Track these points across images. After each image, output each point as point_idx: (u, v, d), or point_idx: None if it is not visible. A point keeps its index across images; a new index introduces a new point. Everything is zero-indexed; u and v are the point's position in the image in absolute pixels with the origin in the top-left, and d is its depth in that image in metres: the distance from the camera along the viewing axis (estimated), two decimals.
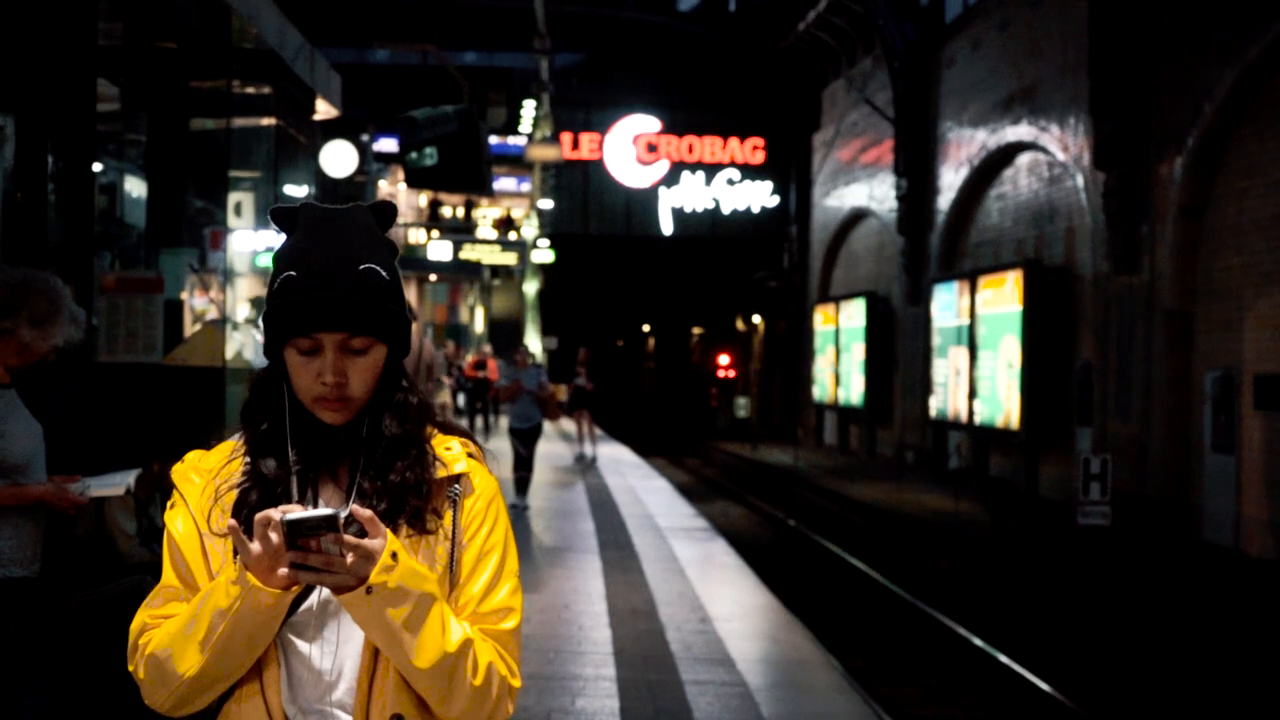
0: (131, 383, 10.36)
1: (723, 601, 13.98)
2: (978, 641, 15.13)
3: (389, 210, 2.92)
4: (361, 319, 2.77)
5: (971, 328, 31.11)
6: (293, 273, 2.77)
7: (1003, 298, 29.40)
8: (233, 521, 2.68)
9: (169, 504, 2.94)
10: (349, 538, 2.59)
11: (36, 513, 5.92)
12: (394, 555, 2.64)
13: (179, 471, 2.95)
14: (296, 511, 2.59)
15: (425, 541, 2.84)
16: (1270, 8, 20.87)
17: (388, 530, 2.66)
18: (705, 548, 18.03)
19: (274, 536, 2.59)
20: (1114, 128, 24.94)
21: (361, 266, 2.78)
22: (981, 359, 30.60)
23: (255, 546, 2.62)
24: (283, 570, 2.61)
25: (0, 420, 5.84)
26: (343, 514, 2.64)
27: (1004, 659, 14.26)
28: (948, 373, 33.06)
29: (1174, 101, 23.61)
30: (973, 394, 31.04)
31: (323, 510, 2.57)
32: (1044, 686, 13.16)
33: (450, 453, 2.91)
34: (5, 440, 5.82)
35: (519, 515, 19.59)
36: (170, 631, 2.78)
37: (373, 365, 2.82)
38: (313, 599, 2.78)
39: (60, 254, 9.47)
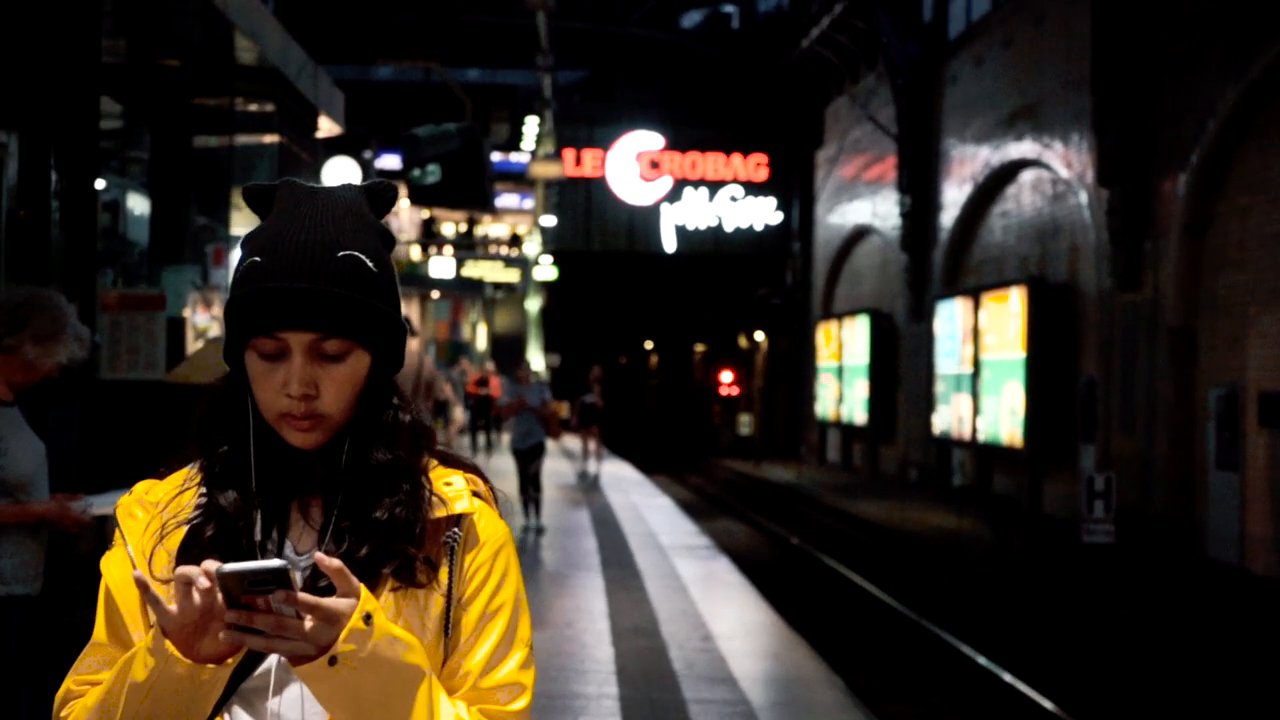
0: (134, 400, 10.35)
1: (725, 620, 13.95)
2: (982, 660, 15.10)
3: (386, 192, 2.45)
4: (337, 316, 2.25)
5: (976, 345, 31.08)
6: (258, 258, 2.26)
7: (1006, 328, 29.38)
8: (138, 573, 2.15)
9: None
10: (306, 596, 2.07)
11: (39, 531, 5.91)
12: (367, 617, 2.11)
13: (123, 505, 2.43)
14: (239, 562, 2.09)
15: (415, 597, 2.31)
16: (1274, 24, 20.88)
17: (362, 586, 2.14)
18: (708, 565, 18.00)
19: (197, 596, 2.08)
20: (1117, 144, 24.94)
21: (341, 253, 2.27)
22: (984, 385, 30.59)
23: (173, 608, 2.10)
24: (222, 634, 2.08)
25: (2, 438, 5.83)
26: (304, 563, 2.27)
27: (1008, 677, 14.23)
28: (949, 417, 33.05)
29: (1177, 118, 23.62)
30: (976, 408, 31.01)
31: (270, 561, 2.05)
32: (1048, 705, 13.13)
33: (451, 489, 2.37)
34: (8, 458, 5.81)
35: (527, 539, 19.52)
36: (88, 706, 2.29)
37: (351, 376, 2.29)
38: (272, 659, 2.24)
39: (63, 271, 9.46)
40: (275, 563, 2.05)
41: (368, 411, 2.34)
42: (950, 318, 33.06)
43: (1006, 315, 29.31)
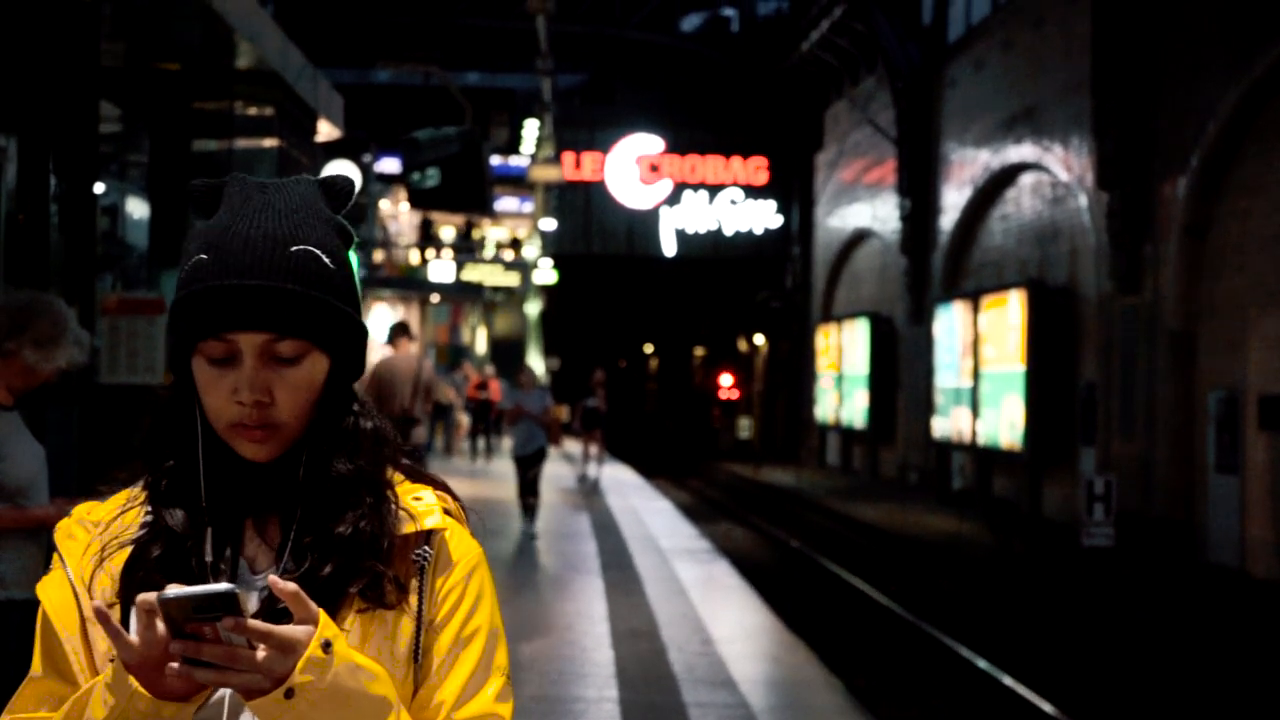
0: (133, 404, 10.33)
1: (725, 623, 13.95)
2: (982, 663, 15.09)
3: (343, 186, 2.25)
4: (291, 315, 2.08)
5: (975, 358, 31.08)
6: (204, 255, 2.09)
7: (1005, 340, 29.37)
8: (98, 604, 1.96)
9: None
10: (257, 624, 1.90)
11: (38, 535, 5.90)
12: (326, 645, 1.94)
13: (61, 528, 2.24)
14: (181, 587, 1.90)
15: (382, 621, 2.12)
16: (1273, 27, 20.87)
17: (321, 611, 1.97)
18: (708, 569, 18.00)
19: (160, 626, 1.91)
20: (1117, 147, 24.94)
21: (295, 248, 2.09)
22: (984, 384, 30.59)
23: (134, 638, 1.94)
24: (168, 667, 1.91)
25: (2, 442, 5.82)
26: (259, 583, 2.09)
27: (1008, 680, 14.22)
28: (949, 423, 33.06)
29: (1177, 121, 23.62)
30: (975, 414, 31.01)
31: (217, 585, 1.89)
32: (1048, 708, 13.12)
33: (420, 504, 2.20)
34: (7, 462, 5.81)
35: (526, 543, 19.52)
36: None
37: (307, 381, 2.12)
38: (225, 689, 2.04)
39: (62, 275, 9.46)
40: (222, 586, 1.88)
41: (326, 419, 2.16)
42: (950, 330, 33.02)
43: (1006, 327, 29.28)
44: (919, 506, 31.82)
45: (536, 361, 47.96)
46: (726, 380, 64.79)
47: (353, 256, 2.23)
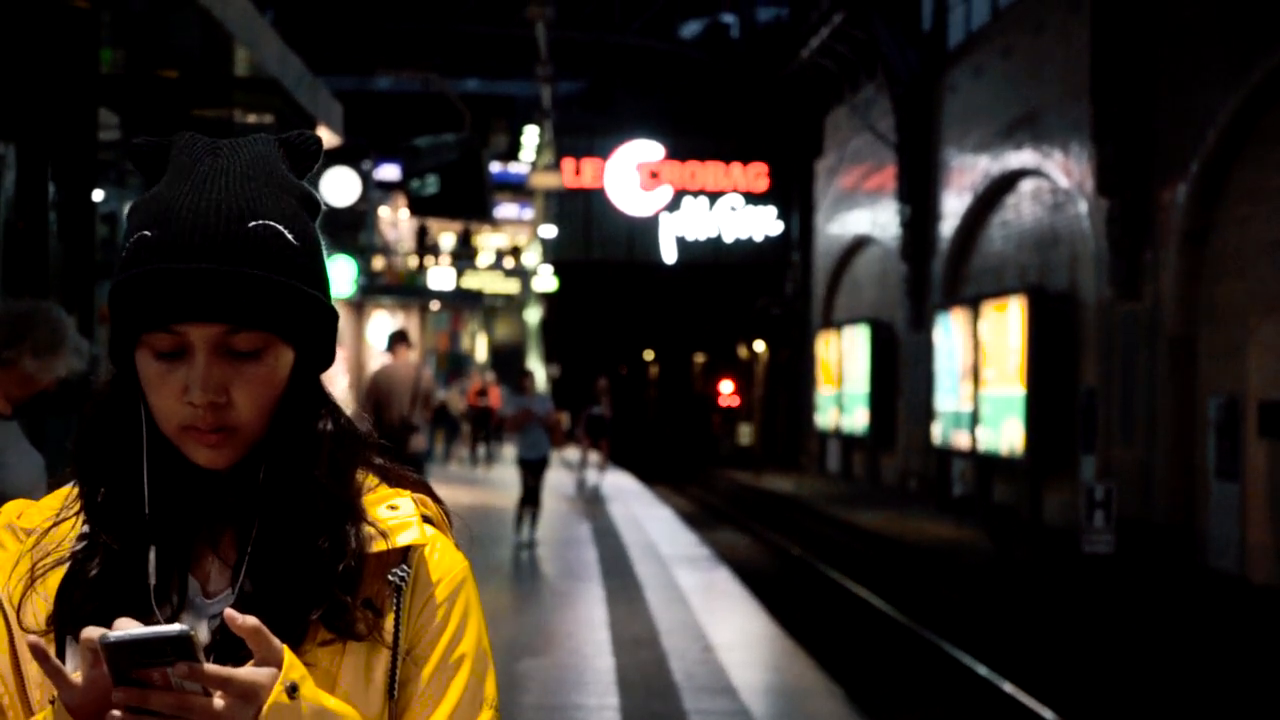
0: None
1: (726, 630, 13.95)
2: (982, 670, 15.08)
3: (307, 144, 1.96)
4: (249, 302, 1.79)
5: (975, 381, 31.06)
6: (148, 232, 1.80)
7: (1005, 361, 29.35)
8: (34, 639, 1.68)
9: None
10: (213, 669, 1.65)
11: None
12: (292, 689, 1.70)
13: None
14: (129, 627, 1.66)
15: (354, 652, 1.85)
16: (1273, 34, 20.87)
17: (285, 649, 1.71)
18: (708, 576, 18.00)
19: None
20: (1117, 153, 24.94)
21: (254, 223, 1.80)
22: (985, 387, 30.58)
23: (77, 678, 1.68)
24: (117, 714, 1.64)
25: (1, 452, 5.81)
26: (212, 611, 1.85)
27: (1008, 687, 14.21)
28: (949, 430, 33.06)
29: (1177, 127, 23.61)
30: (975, 421, 31.00)
31: (168, 627, 1.63)
32: (1048, 715, 13.12)
33: (396, 515, 1.91)
34: (6, 471, 5.79)
35: (527, 551, 19.49)
36: None
37: (269, 377, 1.84)
38: None
39: (61, 282, 9.46)
40: (174, 628, 1.62)
41: (290, 421, 1.88)
42: (950, 351, 33.01)
43: (1005, 334, 29.27)
44: (919, 513, 31.82)
45: (537, 368, 48.02)
46: (726, 387, 64.73)
47: (318, 230, 1.94)
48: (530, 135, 52.62)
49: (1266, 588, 20.66)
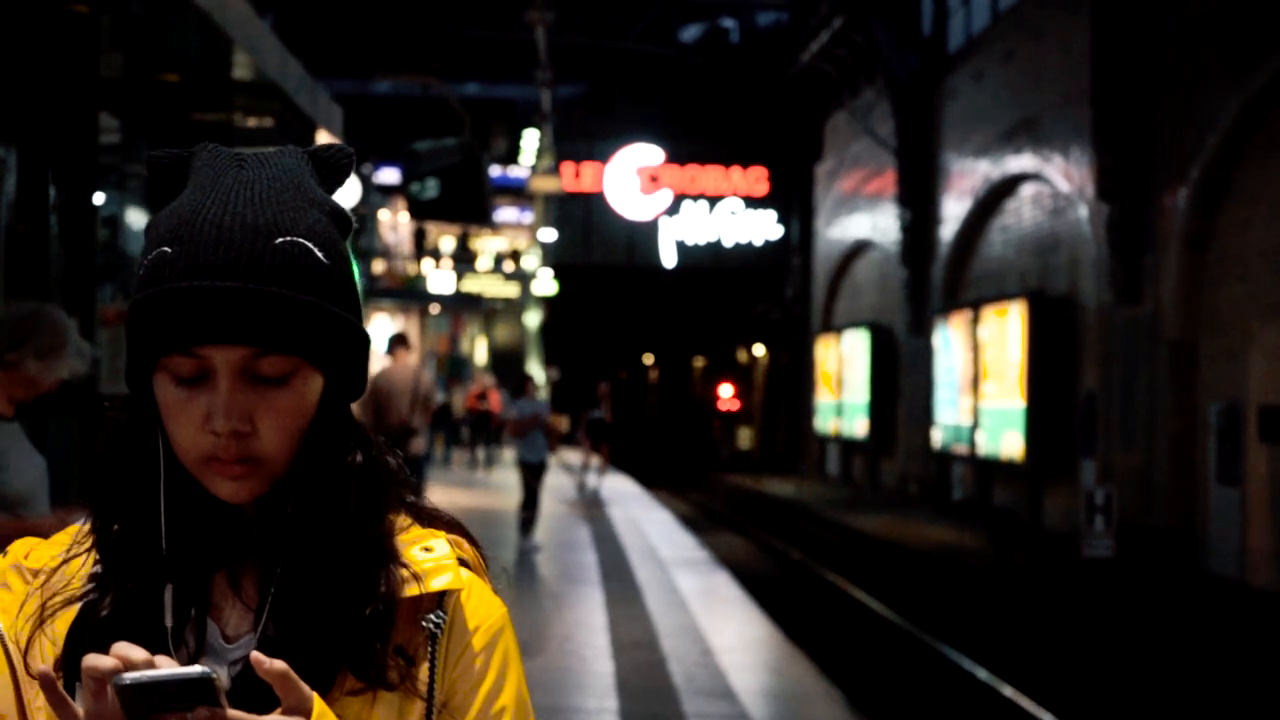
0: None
1: (725, 634, 13.94)
2: (982, 674, 15.07)
3: (338, 158, 1.85)
4: (276, 324, 1.68)
5: (975, 394, 31.06)
6: (168, 248, 1.69)
7: (1005, 374, 29.35)
8: (43, 668, 1.57)
9: None
10: (239, 715, 1.54)
11: None
12: None
13: None
14: (147, 668, 1.53)
15: (386, 703, 1.73)
16: (1274, 38, 20.88)
17: (315, 696, 1.61)
18: (707, 580, 17.99)
19: (113, 699, 1.53)
20: (1117, 159, 24.94)
21: (281, 240, 1.69)
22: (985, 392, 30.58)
23: (79, 709, 1.56)
24: None
25: (3, 453, 5.81)
26: (233, 656, 1.73)
27: (1008, 691, 14.20)
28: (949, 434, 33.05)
29: (1177, 132, 23.62)
30: (975, 425, 31.00)
31: (188, 669, 1.52)
32: (1048, 719, 13.11)
33: (430, 557, 1.79)
34: (7, 473, 5.80)
35: (527, 555, 19.48)
36: None
37: (297, 405, 1.72)
38: None
39: (62, 285, 9.46)
40: (195, 670, 1.51)
41: (319, 452, 1.76)
42: (949, 367, 33.02)
43: (1006, 356, 29.28)
44: (919, 517, 31.80)
45: (537, 372, 48.02)
46: (726, 391, 64.76)
47: (350, 249, 1.83)
48: (530, 139, 52.65)
49: (1267, 592, 20.66)
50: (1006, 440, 29.21)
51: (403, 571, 1.77)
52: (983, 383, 30.66)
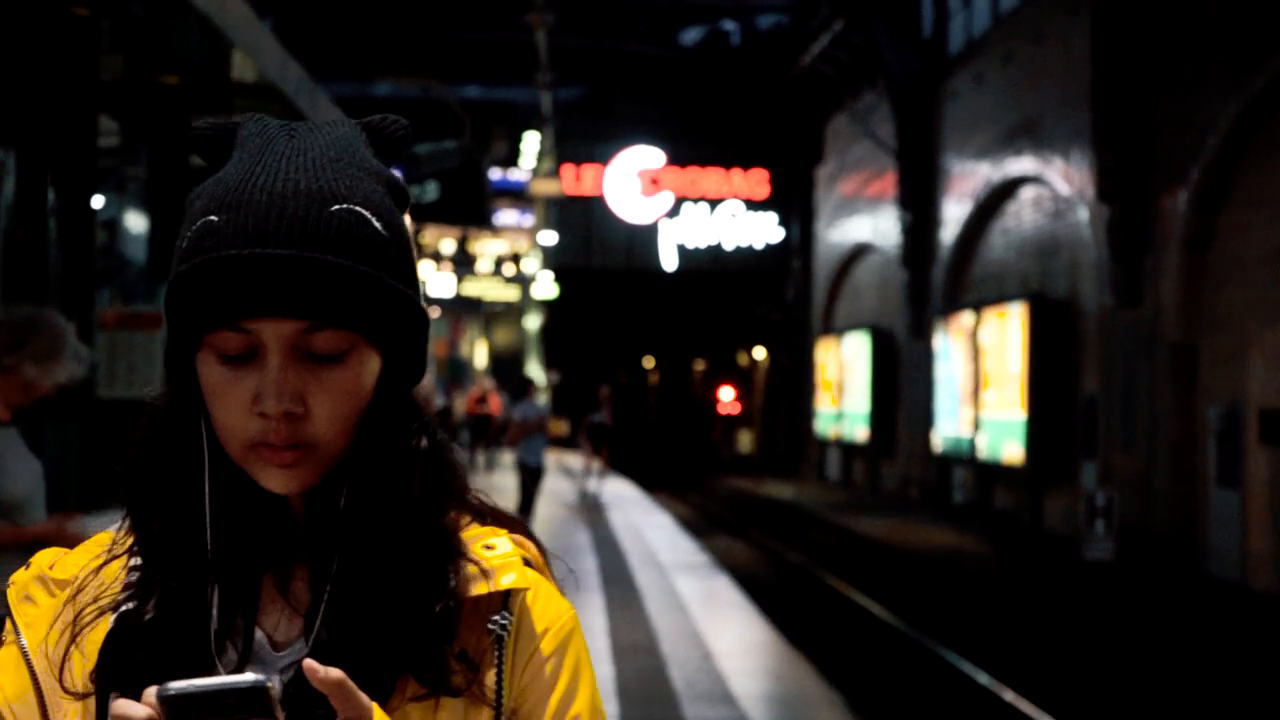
0: (131, 419, 10.31)
1: (725, 638, 13.92)
2: (983, 677, 15.06)
3: (394, 130, 1.75)
4: (332, 296, 1.55)
5: (976, 406, 31.05)
6: (214, 217, 1.56)
7: (1006, 386, 29.34)
8: (123, 704, 1.43)
9: None
10: None
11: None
12: None
13: (16, 585, 1.71)
14: (186, 669, 1.48)
15: (447, 709, 1.60)
16: (1274, 40, 20.86)
17: (375, 707, 1.49)
18: (708, 583, 17.97)
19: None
20: (1117, 161, 24.93)
21: (336, 206, 1.57)
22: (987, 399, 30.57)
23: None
24: None
25: (0, 458, 5.80)
26: (284, 663, 1.60)
27: (1009, 696, 14.19)
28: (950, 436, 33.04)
29: (1177, 134, 23.60)
30: (977, 419, 30.99)
31: (239, 677, 1.40)
32: None
33: (494, 555, 1.66)
34: (4, 478, 5.78)
35: None
36: None
37: (353, 385, 1.58)
38: None
39: (61, 289, 9.45)
40: (247, 679, 1.40)
41: (377, 437, 1.62)
42: (950, 376, 33.00)
43: (1006, 359, 29.27)
44: (920, 520, 31.78)
45: (538, 375, 48.01)
46: (726, 395, 64.73)
47: (408, 222, 1.71)
48: (530, 141, 52.65)
49: (1267, 595, 20.64)
50: (1008, 450, 29.20)
51: (470, 568, 1.64)
52: (983, 392, 30.63)
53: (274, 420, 1.54)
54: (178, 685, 1.38)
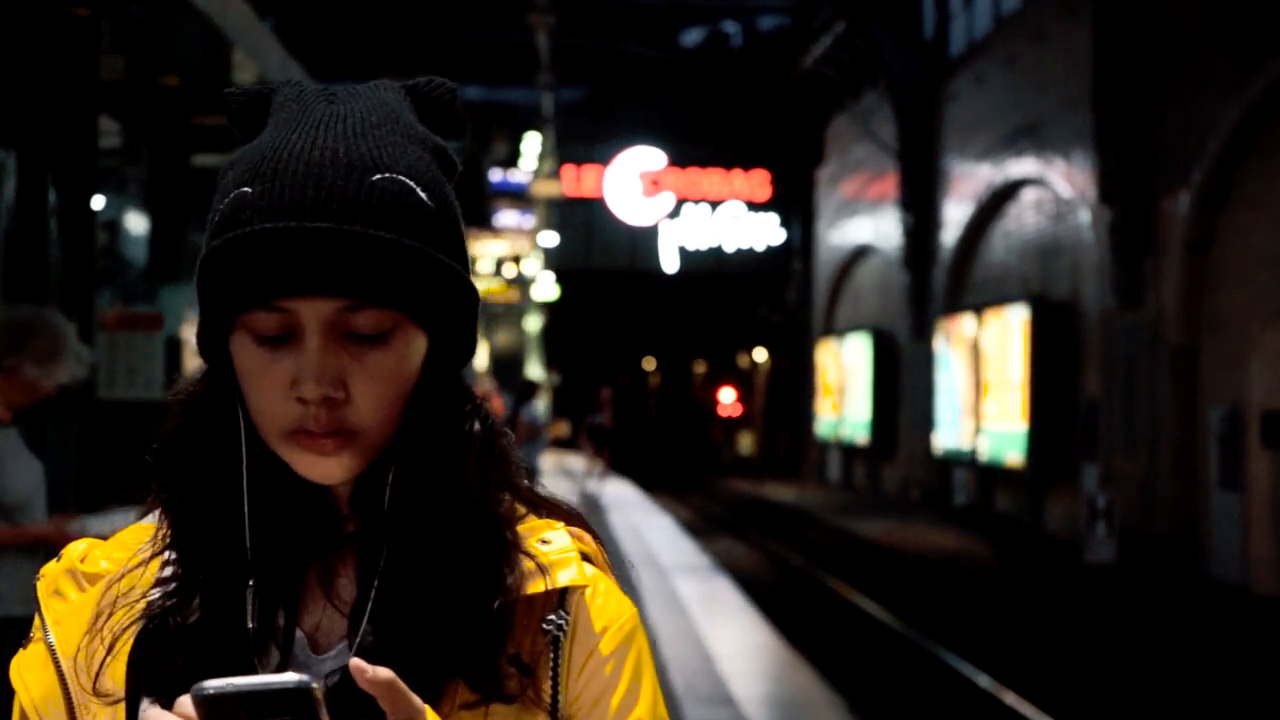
0: (131, 420, 10.32)
1: (726, 640, 13.91)
2: (984, 680, 15.04)
3: (440, 94, 1.66)
4: (374, 273, 1.45)
5: (976, 418, 31.04)
6: (247, 189, 1.46)
7: (1007, 398, 29.32)
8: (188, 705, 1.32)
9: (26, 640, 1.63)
10: None
11: (36, 552, 5.87)
12: None
13: (47, 577, 1.62)
14: (223, 671, 1.35)
15: (498, 716, 1.50)
16: (1275, 43, 20.84)
17: (427, 709, 1.38)
18: (708, 585, 17.96)
19: None
20: (1119, 163, 24.91)
21: (378, 176, 1.47)
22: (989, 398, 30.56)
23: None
24: None
25: (1, 459, 5.80)
26: (329, 666, 1.51)
27: (1010, 698, 14.17)
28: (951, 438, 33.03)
29: (1179, 136, 23.58)
30: (977, 429, 30.97)
31: (281, 676, 1.29)
32: None
33: (550, 549, 1.56)
34: (5, 479, 5.79)
35: None
36: None
37: (397, 368, 1.49)
38: None
39: (61, 290, 9.44)
40: (291, 678, 1.29)
41: (425, 423, 1.53)
42: (950, 386, 32.99)
43: (1008, 362, 29.26)
44: (921, 523, 31.77)
45: (538, 376, 47.99)
46: (727, 397, 64.72)
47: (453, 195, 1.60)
48: (531, 142, 52.59)
49: (1269, 598, 20.62)
50: (1009, 460, 29.19)
51: (526, 563, 1.54)
52: (983, 402, 30.60)
53: (313, 405, 1.46)
54: (215, 684, 1.29)
